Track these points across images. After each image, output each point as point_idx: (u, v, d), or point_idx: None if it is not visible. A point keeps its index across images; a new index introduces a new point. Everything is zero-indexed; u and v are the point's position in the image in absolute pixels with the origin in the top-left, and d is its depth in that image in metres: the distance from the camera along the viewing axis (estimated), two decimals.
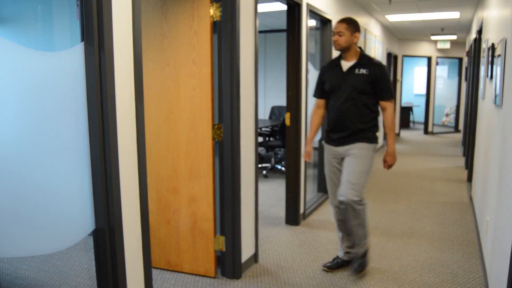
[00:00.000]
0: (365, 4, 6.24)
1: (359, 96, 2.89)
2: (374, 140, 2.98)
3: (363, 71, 2.88)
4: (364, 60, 2.93)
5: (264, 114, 8.07)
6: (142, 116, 2.02)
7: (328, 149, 3.07)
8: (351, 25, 2.89)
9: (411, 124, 13.14)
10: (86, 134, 1.80)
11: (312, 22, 4.75)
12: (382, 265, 3.25)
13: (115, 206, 1.87)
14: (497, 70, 2.90)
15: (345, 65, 2.95)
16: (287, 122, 4.08)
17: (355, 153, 2.91)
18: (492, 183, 2.96)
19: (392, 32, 9.46)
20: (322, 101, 3.11)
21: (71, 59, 1.73)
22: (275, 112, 7.73)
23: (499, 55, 2.88)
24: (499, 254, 2.35)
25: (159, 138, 2.97)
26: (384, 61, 8.58)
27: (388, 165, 3.02)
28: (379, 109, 3.01)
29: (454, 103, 11.73)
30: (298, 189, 4.15)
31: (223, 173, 2.92)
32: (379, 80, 2.89)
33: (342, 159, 2.99)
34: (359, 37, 2.93)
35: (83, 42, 1.75)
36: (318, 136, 4.93)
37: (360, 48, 2.99)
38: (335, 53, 5.01)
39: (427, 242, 3.73)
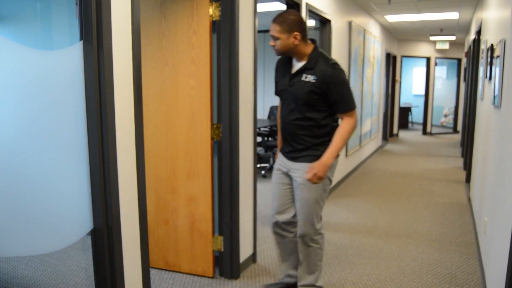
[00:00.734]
0: (364, 4, 6.24)
1: (304, 109, 2.37)
2: None
3: (310, 78, 2.33)
4: (313, 62, 2.36)
5: (263, 114, 8.06)
6: (140, 115, 2.02)
7: (279, 158, 2.63)
8: (285, 25, 2.31)
9: (410, 125, 13.16)
10: (85, 133, 1.79)
11: (311, 22, 4.75)
12: (380, 266, 3.25)
13: (113, 206, 1.86)
14: (496, 71, 2.90)
15: (295, 66, 2.44)
16: None
17: (302, 181, 2.43)
18: (490, 184, 2.96)
19: (391, 33, 9.47)
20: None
21: (70, 57, 1.73)
22: (274, 112, 7.73)
23: (498, 56, 2.88)
24: (497, 255, 2.35)
25: (158, 138, 2.96)
26: (383, 62, 8.59)
27: (313, 174, 2.32)
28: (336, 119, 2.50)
29: (453, 103, 11.75)
30: None
31: (221, 173, 2.91)
32: (330, 89, 2.31)
33: (290, 176, 2.54)
34: (300, 38, 2.34)
35: (82, 41, 1.75)
36: None
37: (313, 41, 2.44)
38: (335, 54, 5.01)
39: (425, 242, 3.73)
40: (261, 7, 5.50)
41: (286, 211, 2.61)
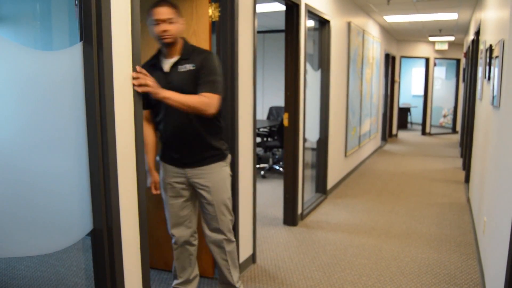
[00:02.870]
0: (363, 5, 6.25)
1: None
2: (226, 151, 2.45)
3: (188, 66, 2.24)
4: (188, 51, 2.27)
5: (262, 115, 8.07)
6: (140, 115, 2.02)
7: (167, 169, 2.43)
8: (178, 10, 2.23)
9: (409, 125, 13.18)
10: (85, 133, 1.79)
11: (311, 23, 4.75)
12: (380, 266, 3.25)
13: (113, 206, 1.86)
14: (495, 71, 2.91)
15: (167, 63, 2.29)
16: (285, 122, 4.09)
17: (213, 184, 2.37)
18: (489, 184, 2.97)
19: (390, 33, 9.48)
20: (147, 112, 2.33)
21: (70, 58, 1.73)
22: (273, 112, 7.74)
23: (496, 57, 2.89)
24: (496, 254, 2.36)
25: None
26: (382, 62, 8.60)
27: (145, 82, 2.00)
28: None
29: (452, 104, 11.76)
30: (296, 189, 4.15)
31: None
32: (202, 69, 2.23)
33: (190, 184, 2.41)
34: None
35: (81, 42, 1.75)
36: (317, 136, 4.93)
37: (183, 38, 2.36)
38: (334, 54, 5.02)
39: (424, 242, 3.74)
40: (260, 8, 5.51)
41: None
